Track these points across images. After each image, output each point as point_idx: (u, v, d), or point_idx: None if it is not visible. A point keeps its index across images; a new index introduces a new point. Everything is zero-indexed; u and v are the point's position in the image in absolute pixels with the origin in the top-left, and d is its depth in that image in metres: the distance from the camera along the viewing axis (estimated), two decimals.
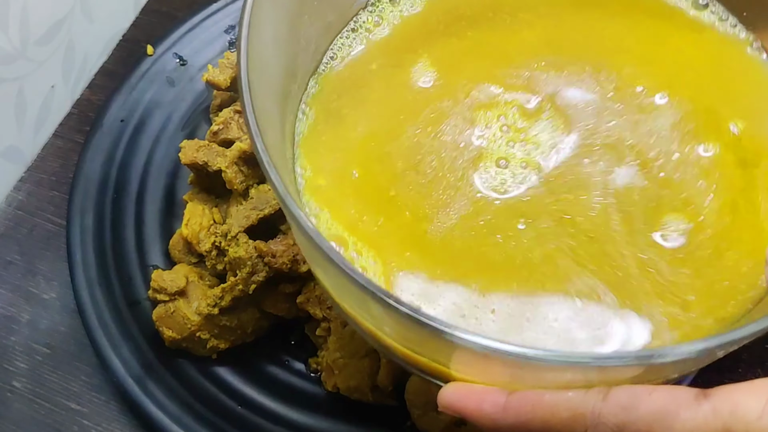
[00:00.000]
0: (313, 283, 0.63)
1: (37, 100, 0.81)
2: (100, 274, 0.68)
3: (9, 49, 0.74)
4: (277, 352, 0.68)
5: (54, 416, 0.67)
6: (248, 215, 0.65)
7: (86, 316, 0.66)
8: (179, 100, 0.79)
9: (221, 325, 0.64)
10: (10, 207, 0.79)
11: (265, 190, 0.67)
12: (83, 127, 0.83)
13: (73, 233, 0.70)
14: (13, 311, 0.73)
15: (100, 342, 0.65)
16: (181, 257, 0.70)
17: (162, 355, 0.65)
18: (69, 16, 0.82)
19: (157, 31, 0.89)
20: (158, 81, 0.79)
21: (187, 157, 0.68)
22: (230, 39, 0.82)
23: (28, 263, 0.75)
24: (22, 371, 0.69)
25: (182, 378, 0.65)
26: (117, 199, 0.73)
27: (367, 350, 0.61)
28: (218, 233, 0.67)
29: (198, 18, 0.83)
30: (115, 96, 0.78)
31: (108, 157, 0.75)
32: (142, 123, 0.77)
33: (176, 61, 0.81)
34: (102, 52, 0.89)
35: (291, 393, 0.65)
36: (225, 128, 0.71)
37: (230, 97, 0.77)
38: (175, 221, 0.73)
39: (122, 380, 0.63)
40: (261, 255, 0.62)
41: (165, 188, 0.75)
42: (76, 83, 0.86)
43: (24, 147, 0.81)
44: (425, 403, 0.60)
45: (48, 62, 0.80)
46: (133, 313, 0.67)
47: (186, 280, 0.65)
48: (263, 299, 0.65)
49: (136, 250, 0.71)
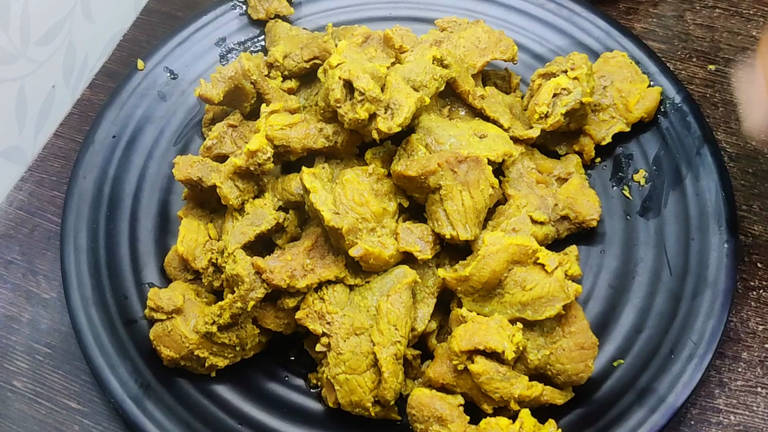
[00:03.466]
0: (312, 299, 0.63)
1: (38, 100, 0.80)
2: (96, 293, 0.67)
3: (10, 49, 0.74)
4: (276, 369, 0.67)
5: (54, 415, 0.67)
6: (245, 231, 0.64)
7: (82, 336, 0.65)
8: (171, 114, 0.78)
9: (219, 343, 0.64)
10: (11, 207, 0.78)
11: (260, 204, 0.66)
12: (84, 126, 0.82)
13: (66, 253, 0.69)
14: (14, 311, 0.72)
15: (96, 362, 0.64)
16: (177, 274, 0.69)
17: (160, 375, 0.65)
18: (69, 16, 0.81)
19: (157, 31, 0.89)
20: (149, 96, 0.79)
21: (180, 173, 0.67)
22: (221, 52, 0.82)
23: (28, 263, 0.75)
24: (23, 371, 0.69)
25: (181, 397, 0.64)
26: (110, 216, 0.72)
27: (368, 365, 0.61)
28: (214, 249, 0.66)
29: (188, 31, 0.82)
30: (106, 111, 0.77)
31: (100, 174, 0.74)
32: (134, 139, 0.76)
33: (167, 75, 0.80)
34: (102, 52, 0.88)
35: (291, 409, 0.65)
36: (219, 143, 0.70)
37: (223, 111, 0.76)
38: (170, 238, 0.72)
39: (120, 401, 0.62)
40: (259, 272, 0.61)
41: (159, 204, 0.74)
42: (76, 83, 0.86)
43: (25, 147, 0.80)
44: (428, 417, 0.60)
45: (49, 62, 0.80)
46: (130, 333, 0.66)
47: (183, 297, 0.64)
48: (262, 315, 0.65)
49: (131, 268, 0.70)
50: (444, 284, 0.64)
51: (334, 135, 0.66)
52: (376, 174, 0.65)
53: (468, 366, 0.60)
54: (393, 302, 0.61)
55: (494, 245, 0.62)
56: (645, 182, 0.73)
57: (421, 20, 0.83)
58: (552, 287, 0.61)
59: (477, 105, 0.71)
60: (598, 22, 0.81)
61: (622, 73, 0.76)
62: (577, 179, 0.71)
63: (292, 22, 0.83)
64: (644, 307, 0.67)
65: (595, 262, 0.70)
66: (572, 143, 0.75)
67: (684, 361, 0.63)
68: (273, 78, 0.76)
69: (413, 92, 0.63)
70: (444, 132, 0.66)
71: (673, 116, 0.75)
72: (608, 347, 0.66)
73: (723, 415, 0.66)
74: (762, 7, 0.89)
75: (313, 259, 0.63)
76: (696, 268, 0.67)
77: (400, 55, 0.70)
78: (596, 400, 0.63)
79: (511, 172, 0.71)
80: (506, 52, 0.75)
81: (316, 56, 0.74)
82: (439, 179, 0.62)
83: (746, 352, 0.69)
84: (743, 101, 0.42)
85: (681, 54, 0.86)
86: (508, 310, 0.62)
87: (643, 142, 0.75)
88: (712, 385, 0.67)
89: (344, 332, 0.61)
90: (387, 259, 0.62)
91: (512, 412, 0.60)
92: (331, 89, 0.63)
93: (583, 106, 0.70)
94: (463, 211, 0.62)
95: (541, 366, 0.62)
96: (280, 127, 0.65)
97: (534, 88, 0.74)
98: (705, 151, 0.72)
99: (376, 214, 0.63)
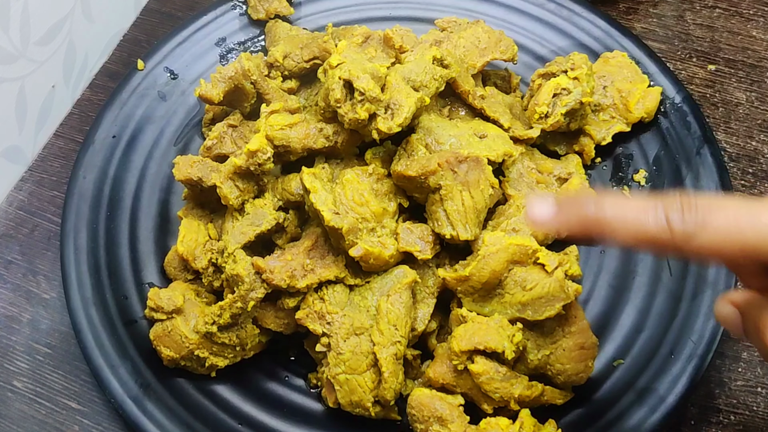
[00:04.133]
0: (312, 299, 0.63)
1: (38, 100, 0.80)
2: (96, 293, 0.67)
3: (10, 49, 0.74)
4: (276, 369, 0.67)
5: (55, 416, 0.67)
6: (245, 231, 0.64)
7: (82, 336, 0.65)
8: (171, 114, 0.78)
9: (219, 343, 0.64)
10: (11, 207, 0.78)
11: (261, 204, 0.66)
12: (84, 126, 0.82)
13: (66, 253, 0.69)
14: (14, 311, 0.72)
15: (96, 363, 0.64)
16: (177, 274, 0.69)
17: (160, 375, 0.65)
18: (69, 16, 0.81)
19: (157, 31, 0.89)
20: (149, 96, 0.79)
21: (181, 173, 0.67)
22: (221, 52, 0.82)
23: (29, 263, 0.75)
24: (23, 371, 0.69)
25: (181, 397, 0.64)
26: (110, 217, 0.72)
27: (368, 365, 0.61)
28: (214, 249, 0.66)
29: (188, 31, 0.82)
30: (106, 111, 0.77)
31: (100, 174, 0.74)
32: (134, 139, 0.76)
33: (167, 75, 0.80)
34: (102, 52, 0.88)
35: (291, 410, 0.65)
36: (219, 143, 0.70)
37: (223, 111, 0.76)
38: (170, 238, 0.72)
39: (120, 401, 0.62)
40: (259, 272, 0.61)
41: (159, 204, 0.74)
42: (76, 83, 0.85)
43: (25, 147, 0.80)
44: (428, 417, 0.60)
45: (49, 62, 0.80)
46: (130, 333, 0.66)
47: (183, 297, 0.64)
48: (262, 315, 0.65)
49: (131, 269, 0.70)
50: (444, 284, 0.64)
51: (334, 135, 0.66)
52: (376, 174, 0.65)
53: (468, 366, 0.60)
54: (393, 302, 0.61)
55: (494, 245, 0.62)
56: (645, 182, 0.73)
57: (421, 20, 0.83)
58: (552, 287, 0.61)
59: (477, 105, 0.71)
60: (598, 22, 0.81)
61: (622, 73, 0.76)
62: (577, 179, 0.71)
63: (292, 22, 0.83)
64: (644, 307, 0.67)
65: (595, 262, 0.70)
66: (572, 143, 0.75)
67: (684, 361, 0.63)
68: (273, 78, 0.76)
69: (413, 92, 0.63)
70: (444, 132, 0.66)
71: (673, 116, 0.75)
72: (608, 347, 0.66)
73: (723, 415, 0.66)
74: (762, 7, 0.89)
75: (313, 259, 0.63)
76: (696, 268, 0.67)
77: (400, 55, 0.70)
78: (596, 400, 0.63)
79: (511, 172, 0.71)
80: (506, 52, 0.75)
81: (316, 56, 0.74)
82: (439, 179, 0.62)
83: (746, 352, 0.69)
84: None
85: (681, 54, 0.86)
86: (508, 310, 0.62)
87: (643, 142, 0.75)
88: (712, 385, 0.67)
89: (344, 332, 0.61)
90: (387, 259, 0.62)
91: (512, 412, 0.60)
92: (331, 89, 0.63)
93: (583, 106, 0.70)
94: (463, 211, 0.62)
95: (541, 366, 0.62)
96: (280, 127, 0.65)
97: (534, 88, 0.74)
98: (705, 151, 0.72)
99: (376, 214, 0.63)
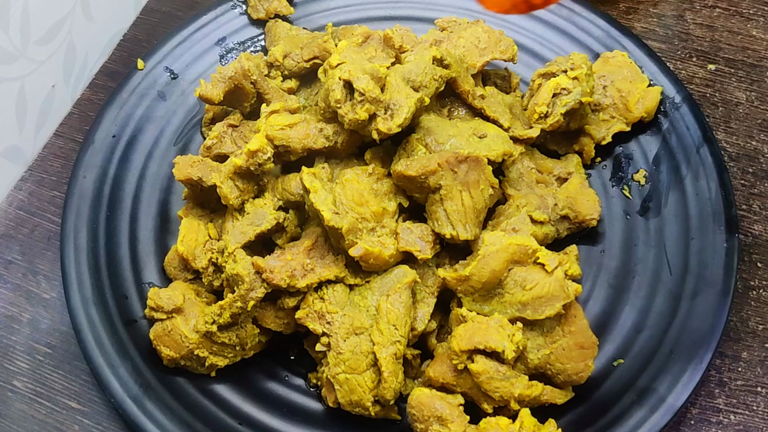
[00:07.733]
0: (312, 298, 0.63)
1: (38, 100, 0.80)
2: (95, 293, 0.67)
3: (10, 49, 0.74)
4: (276, 368, 0.67)
5: (55, 415, 0.67)
6: (245, 231, 0.64)
7: (82, 336, 0.65)
8: (171, 114, 0.78)
9: (219, 343, 0.64)
10: (11, 207, 0.78)
11: (260, 204, 0.66)
12: (84, 126, 0.82)
13: (67, 253, 0.69)
14: (14, 311, 0.72)
15: (96, 362, 0.64)
16: (177, 274, 0.69)
17: (160, 374, 0.65)
18: (69, 16, 0.81)
19: (157, 31, 0.89)
20: (149, 95, 0.79)
21: (181, 173, 0.67)
22: (221, 52, 0.82)
23: (28, 263, 0.75)
24: (23, 371, 0.69)
25: (181, 397, 0.64)
26: (110, 216, 0.72)
27: (368, 364, 0.61)
28: (214, 249, 0.66)
29: (188, 31, 0.82)
30: (106, 111, 0.77)
31: (100, 174, 0.74)
32: (134, 138, 0.76)
33: (167, 75, 0.80)
34: (102, 52, 0.88)
35: (291, 409, 0.65)
36: (219, 143, 0.70)
37: (223, 111, 0.76)
38: (170, 238, 0.72)
39: (120, 401, 0.62)
40: (259, 272, 0.61)
41: (159, 204, 0.74)
42: (76, 83, 0.86)
43: (25, 146, 0.80)
44: (428, 417, 0.60)
45: (49, 62, 0.80)
46: (130, 332, 0.66)
47: (183, 297, 0.64)
48: (262, 315, 0.65)
49: (131, 268, 0.70)
50: (444, 284, 0.64)
51: (334, 135, 0.66)
52: (376, 174, 0.65)
53: (468, 365, 0.60)
54: (393, 302, 0.61)
55: (494, 245, 0.62)
56: (645, 182, 0.73)
57: (421, 20, 0.83)
58: (552, 287, 0.61)
59: (477, 105, 0.71)
60: (598, 22, 0.81)
61: (622, 72, 0.76)
62: (577, 179, 0.71)
63: (292, 21, 0.83)
64: (644, 306, 0.67)
65: (595, 262, 0.70)
66: (572, 143, 0.75)
67: (684, 361, 0.63)
68: (273, 78, 0.76)
69: (413, 92, 0.63)
70: (444, 132, 0.66)
71: (673, 116, 0.75)
72: (608, 347, 0.66)
73: (723, 414, 0.66)
74: (762, 6, 0.89)
75: (313, 258, 0.63)
76: (696, 268, 0.67)
77: (400, 55, 0.70)
78: (596, 400, 0.63)
79: (511, 171, 0.71)
80: (506, 52, 0.75)
81: (316, 56, 0.74)
82: (439, 179, 0.62)
83: (746, 352, 0.69)
84: None
85: (681, 54, 0.86)
86: (508, 310, 0.62)
87: (643, 141, 0.75)
88: (712, 385, 0.67)
89: (344, 332, 0.61)
90: (387, 258, 0.62)
91: (512, 411, 0.60)
92: (331, 89, 0.63)
93: (583, 105, 0.70)
94: (463, 210, 0.62)
95: (541, 366, 0.62)
96: (280, 127, 0.65)
97: (534, 88, 0.74)
98: (705, 151, 0.72)
99: (376, 213, 0.63)
